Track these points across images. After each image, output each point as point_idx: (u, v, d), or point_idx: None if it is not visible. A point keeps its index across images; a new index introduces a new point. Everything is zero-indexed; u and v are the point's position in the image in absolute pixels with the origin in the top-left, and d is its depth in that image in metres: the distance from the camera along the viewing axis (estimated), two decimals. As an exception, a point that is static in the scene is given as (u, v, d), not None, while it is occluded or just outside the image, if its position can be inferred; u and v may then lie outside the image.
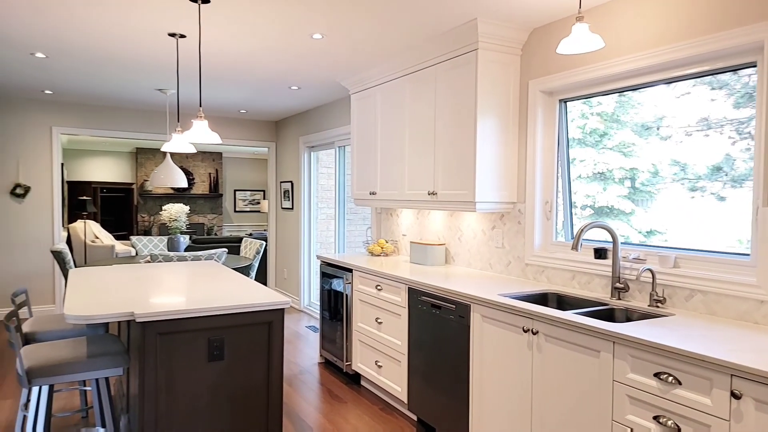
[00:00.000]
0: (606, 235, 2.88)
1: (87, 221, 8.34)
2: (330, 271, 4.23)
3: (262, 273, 7.44)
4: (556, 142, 3.12)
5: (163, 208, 6.02)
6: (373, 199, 4.21)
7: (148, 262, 4.05)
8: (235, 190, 11.83)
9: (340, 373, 4.21)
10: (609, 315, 2.51)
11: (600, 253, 2.78)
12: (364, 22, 3.11)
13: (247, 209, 11.94)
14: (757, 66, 2.15)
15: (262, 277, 7.45)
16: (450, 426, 2.91)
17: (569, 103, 3.08)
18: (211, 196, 11.31)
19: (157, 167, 5.48)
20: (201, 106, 3.37)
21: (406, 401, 3.30)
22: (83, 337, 2.63)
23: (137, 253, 6.05)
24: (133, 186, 10.82)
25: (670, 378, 1.80)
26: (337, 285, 4.11)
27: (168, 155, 5.61)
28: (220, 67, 4.26)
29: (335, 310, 4.16)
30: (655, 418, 1.85)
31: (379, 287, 3.58)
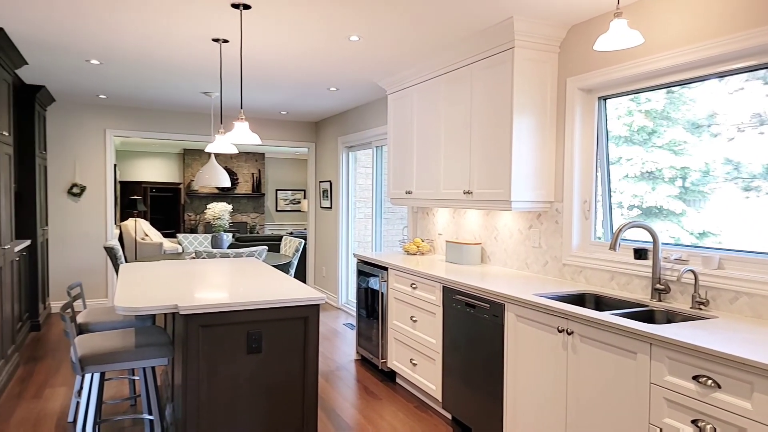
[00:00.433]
0: (647, 236, 2.81)
1: (137, 219, 8.73)
2: (366, 269, 4.29)
3: (302, 271, 7.59)
4: (595, 141, 3.06)
5: (208, 207, 6.24)
6: (408, 198, 4.24)
7: (193, 259, 4.22)
8: (276, 190, 12.10)
9: (375, 370, 4.26)
10: (648, 317, 2.45)
11: (640, 254, 2.71)
12: (400, 23, 3.15)
13: (288, 208, 12.19)
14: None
15: (301, 275, 7.60)
16: (484, 425, 2.90)
17: (611, 100, 3.02)
18: (254, 195, 11.61)
19: (202, 167, 5.69)
20: (242, 109, 3.49)
21: (440, 400, 3.31)
22: (132, 329, 2.78)
23: (183, 250, 6.30)
24: (181, 186, 11.24)
25: (710, 381, 1.74)
26: (374, 283, 4.16)
27: (212, 156, 5.82)
28: (261, 70, 4.39)
29: (371, 308, 4.21)
30: (693, 421, 1.80)
31: (414, 286, 3.60)
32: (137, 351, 2.47)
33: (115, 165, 6.80)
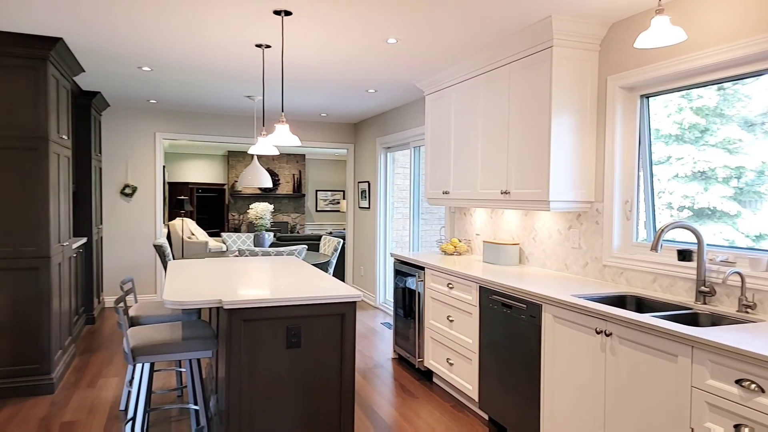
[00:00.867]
0: (692, 237, 2.73)
1: (184, 219, 9.07)
2: (403, 269, 4.33)
3: (340, 270, 7.70)
4: (637, 139, 2.99)
5: (251, 207, 6.43)
6: (446, 198, 4.25)
7: (236, 257, 4.37)
8: (316, 191, 12.31)
9: (412, 369, 4.29)
10: (692, 319, 2.39)
11: (684, 255, 2.64)
12: (437, 25, 3.17)
13: (327, 209, 12.38)
14: None
15: (340, 274, 7.71)
16: (521, 426, 2.89)
17: (656, 98, 2.95)
18: (295, 196, 11.85)
19: (246, 169, 5.87)
20: (283, 111, 3.60)
21: (477, 400, 3.31)
22: (179, 322, 2.92)
23: (227, 248, 6.52)
24: (225, 186, 11.59)
25: (753, 385, 1.69)
26: (411, 283, 4.20)
27: (255, 157, 6.00)
28: (301, 74, 4.50)
29: (408, 307, 4.25)
30: (736, 426, 1.75)
31: (450, 285, 3.61)
32: (184, 343, 2.60)
33: (164, 166, 7.10)
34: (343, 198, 12.46)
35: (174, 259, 7.00)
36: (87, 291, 5.48)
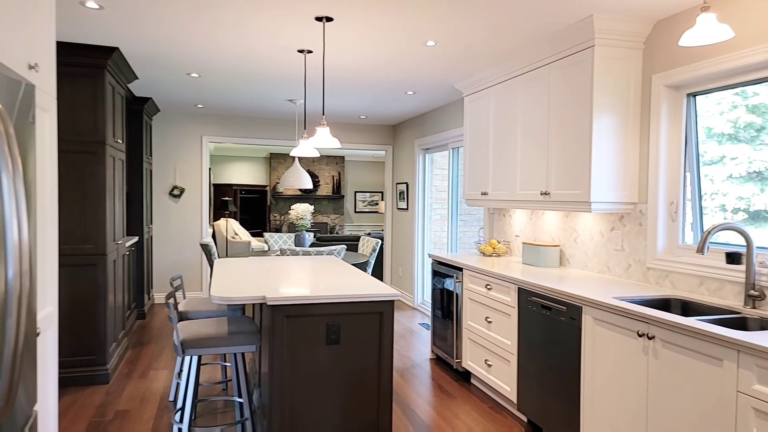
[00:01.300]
0: (741, 239, 2.64)
1: (228, 219, 9.35)
2: (441, 269, 4.35)
3: (378, 270, 7.77)
4: (684, 139, 2.92)
5: (292, 207, 6.59)
6: (484, 199, 4.24)
7: (277, 256, 4.50)
8: (355, 192, 12.45)
9: (450, 369, 4.31)
10: (740, 324, 2.31)
11: (732, 258, 2.56)
12: (476, 26, 3.19)
13: (366, 210, 12.49)
14: None
15: (378, 275, 7.78)
16: (561, 430, 2.87)
17: (708, 95, 2.86)
18: (334, 197, 12.02)
19: (287, 171, 6.02)
20: (324, 114, 3.68)
21: (515, 401, 3.30)
22: (225, 318, 3.04)
23: (269, 248, 6.70)
24: (267, 188, 11.88)
25: (804, 393, 1.64)
26: (448, 284, 4.21)
27: (296, 159, 6.15)
28: (341, 77, 4.59)
29: (446, 308, 4.26)
30: (785, 435, 1.70)
31: (488, 286, 3.61)
32: (230, 337, 2.71)
33: (209, 169, 7.36)
34: (382, 199, 12.55)
35: (219, 257, 7.24)
36: (138, 287, 5.75)
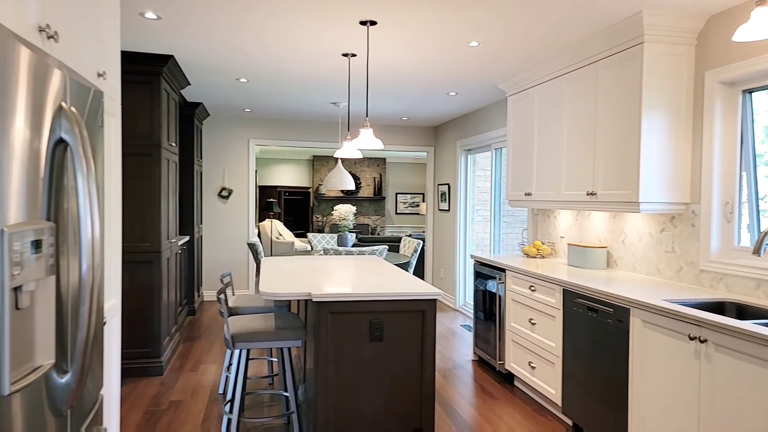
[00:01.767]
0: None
1: (273, 220, 9.59)
2: (484, 271, 4.33)
3: (419, 272, 7.79)
4: (739, 137, 2.81)
5: (334, 208, 6.70)
6: (528, 200, 4.20)
7: (321, 255, 4.60)
8: (396, 193, 12.50)
9: (492, 371, 4.28)
10: (801, 330, 2.21)
11: (793, 261, 2.44)
12: (520, 26, 3.17)
13: (407, 211, 12.53)
14: None
15: (419, 276, 7.80)
16: (606, 434, 2.81)
17: (763, 92, 2.75)
18: (375, 198, 12.12)
19: (330, 172, 6.13)
20: (367, 116, 3.74)
21: (560, 404, 3.25)
22: (272, 314, 3.14)
23: (312, 248, 6.83)
24: (310, 190, 12.10)
25: None
26: (491, 285, 4.19)
27: (339, 161, 6.26)
28: (384, 80, 4.65)
29: (489, 309, 4.24)
30: None
31: (532, 288, 3.58)
32: (277, 332, 2.80)
33: (255, 171, 7.58)
34: (423, 201, 12.55)
35: (264, 257, 7.44)
36: (189, 285, 5.98)
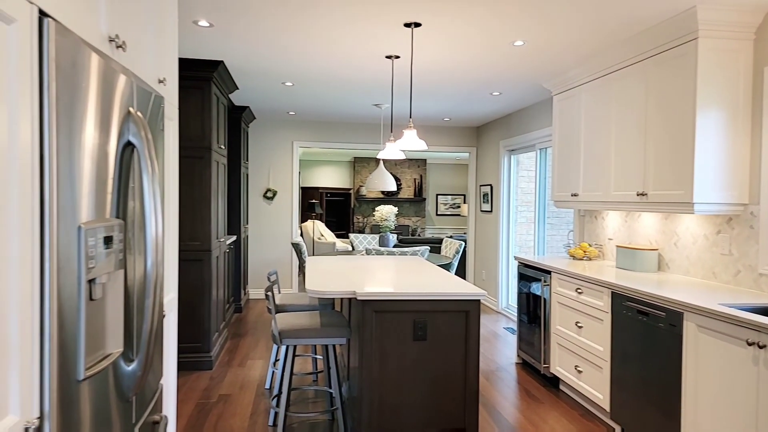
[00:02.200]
0: None
1: (315, 221, 9.75)
2: (528, 272, 4.27)
3: (461, 273, 7.74)
4: (803, 134, 2.67)
5: (376, 209, 6.76)
6: (574, 200, 4.12)
7: (362, 255, 4.65)
8: (437, 195, 12.46)
9: (537, 374, 4.21)
10: None
11: None
12: (566, 24, 3.12)
13: (447, 213, 12.46)
14: None
15: (460, 277, 7.74)
16: (657, 441, 2.73)
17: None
18: (416, 200, 12.12)
19: (372, 173, 6.19)
20: (411, 118, 3.77)
21: (608, 410, 3.17)
22: (317, 311, 3.21)
23: (353, 248, 6.91)
24: (351, 191, 12.23)
25: None
26: (535, 288, 4.13)
27: (381, 162, 6.31)
28: (427, 81, 4.66)
29: (533, 312, 4.18)
30: None
31: (579, 290, 3.50)
32: (322, 329, 2.86)
33: (299, 172, 7.74)
34: (464, 202, 12.46)
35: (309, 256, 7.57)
36: (236, 283, 6.16)
